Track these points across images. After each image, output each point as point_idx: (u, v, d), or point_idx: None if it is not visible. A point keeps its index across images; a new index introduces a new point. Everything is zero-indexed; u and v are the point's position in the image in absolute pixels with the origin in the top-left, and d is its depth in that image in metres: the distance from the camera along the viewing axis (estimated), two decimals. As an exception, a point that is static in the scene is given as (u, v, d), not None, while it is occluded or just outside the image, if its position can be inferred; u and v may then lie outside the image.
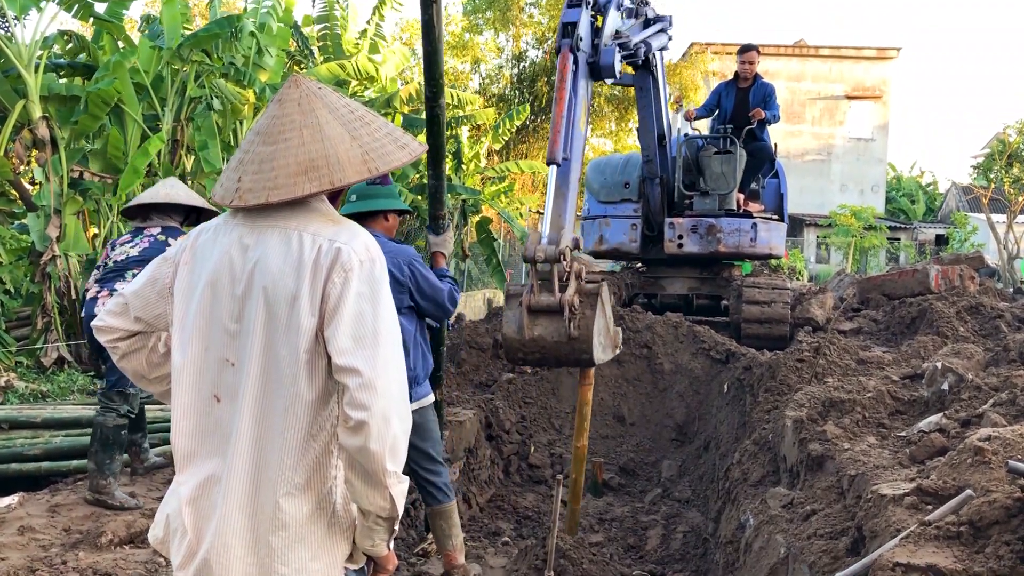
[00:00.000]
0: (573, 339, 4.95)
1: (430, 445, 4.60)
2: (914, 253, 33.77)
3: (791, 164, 32.18)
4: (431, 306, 4.38)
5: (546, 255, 4.83)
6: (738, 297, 9.53)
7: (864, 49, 37.03)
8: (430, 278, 4.35)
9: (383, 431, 1.80)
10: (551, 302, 4.82)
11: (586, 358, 5.04)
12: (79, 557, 4.13)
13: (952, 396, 4.57)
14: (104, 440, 4.93)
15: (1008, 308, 8.46)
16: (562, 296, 4.84)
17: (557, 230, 5.13)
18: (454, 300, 4.47)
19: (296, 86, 2.00)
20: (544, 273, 4.91)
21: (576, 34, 5.55)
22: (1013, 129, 29.81)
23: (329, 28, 15.37)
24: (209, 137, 11.45)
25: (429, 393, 4.63)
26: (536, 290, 4.93)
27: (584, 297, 5.06)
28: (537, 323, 4.97)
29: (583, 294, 5.06)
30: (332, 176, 1.90)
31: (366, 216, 4.39)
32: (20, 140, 9.86)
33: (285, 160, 1.90)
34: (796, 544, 3.63)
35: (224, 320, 1.96)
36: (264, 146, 1.94)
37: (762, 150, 9.74)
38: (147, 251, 5.00)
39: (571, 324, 4.90)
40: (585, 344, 4.99)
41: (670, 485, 6.89)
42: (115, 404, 4.98)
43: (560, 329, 4.91)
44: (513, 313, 5.09)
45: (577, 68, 5.56)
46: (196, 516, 1.96)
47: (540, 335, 4.90)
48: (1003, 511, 2.63)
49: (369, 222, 4.36)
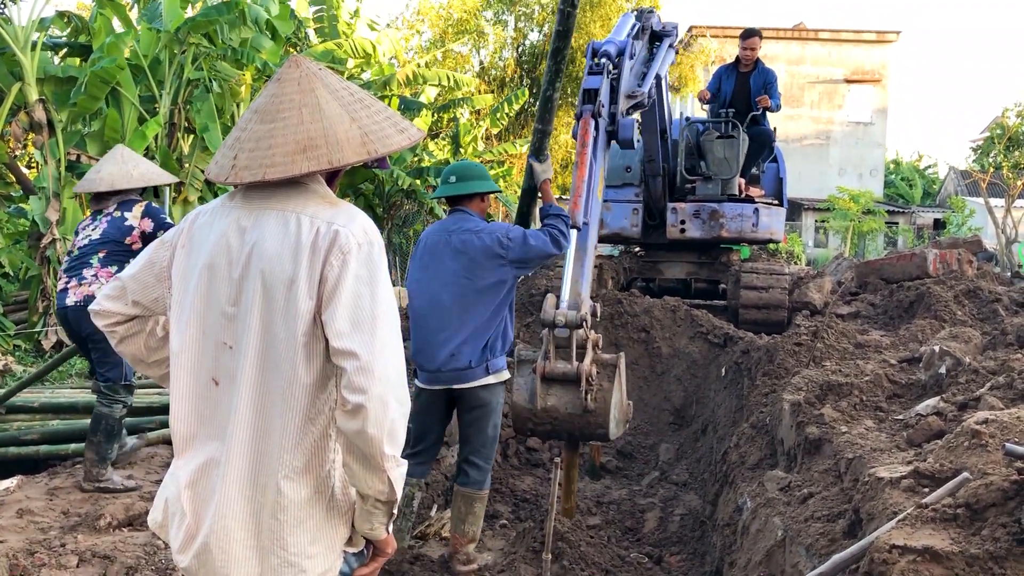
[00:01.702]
0: (588, 412, 4.78)
1: (491, 427, 4.56)
2: (912, 237, 33.77)
3: (790, 148, 32.10)
4: (538, 257, 4.51)
5: (567, 320, 4.69)
6: (736, 282, 9.54)
7: (863, 33, 36.88)
8: (527, 236, 4.46)
9: (381, 415, 1.80)
10: (568, 371, 4.68)
11: (601, 433, 4.87)
12: (78, 540, 4.14)
13: (949, 379, 4.57)
14: (108, 431, 4.95)
15: (1006, 292, 8.47)
16: (580, 365, 4.70)
17: (576, 295, 5.00)
18: (558, 242, 4.52)
19: (296, 66, 1.98)
20: (561, 339, 4.78)
21: (598, 100, 5.56)
22: (1012, 112, 29.75)
23: (325, 10, 15.30)
24: (209, 120, 11.41)
25: (504, 367, 4.58)
26: (552, 357, 4.78)
27: (602, 368, 4.90)
28: (551, 393, 4.79)
29: (601, 364, 4.91)
30: (331, 155, 1.88)
31: (462, 197, 4.59)
32: (17, 122, 9.82)
33: (283, 138, 1.89)
34: (793, 527, 3.65)
35: (222, 303, 1.95)
36: (261, 124, 1.92)
37: (763, 135, 9.71)
38: (107, 231, 5.00)
39: (588, 396, 4.74)
40: (601, 418, 4.81)
41: (668, 468, 6.91)
42: (121, 396, 4.99)
43: (575, 400, 4.74)
44: (525, 380, 4.90)
45: (598, 134, 5.57)
46: (195, 500, 1.96)
47: (553, 405, 4.72)
48: (1000, 493, 2.64)
49: (465, 203, 4.60)
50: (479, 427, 4.51)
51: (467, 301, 4.41)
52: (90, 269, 4.92)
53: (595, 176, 5.41)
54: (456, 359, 4.40)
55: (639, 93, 6.33)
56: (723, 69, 10.10)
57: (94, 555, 3.99)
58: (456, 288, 4.43)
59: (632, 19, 6.94)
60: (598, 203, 5.54)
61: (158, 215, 5.06)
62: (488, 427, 4.53)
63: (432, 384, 4.47)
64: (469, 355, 4.40)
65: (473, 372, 4.41)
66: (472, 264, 4.43)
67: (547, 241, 4.46)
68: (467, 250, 4.45)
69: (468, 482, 4.56)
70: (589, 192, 5.28)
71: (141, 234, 5.00)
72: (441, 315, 4.45)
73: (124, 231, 4.99)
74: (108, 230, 4.99)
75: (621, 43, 6.16)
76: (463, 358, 4.39)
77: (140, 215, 5.01)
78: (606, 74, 5.72)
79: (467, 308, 4.41)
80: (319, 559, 1.94)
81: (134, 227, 4.99)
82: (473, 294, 4.41)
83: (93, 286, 4.88)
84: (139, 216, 5.00)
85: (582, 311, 4.77)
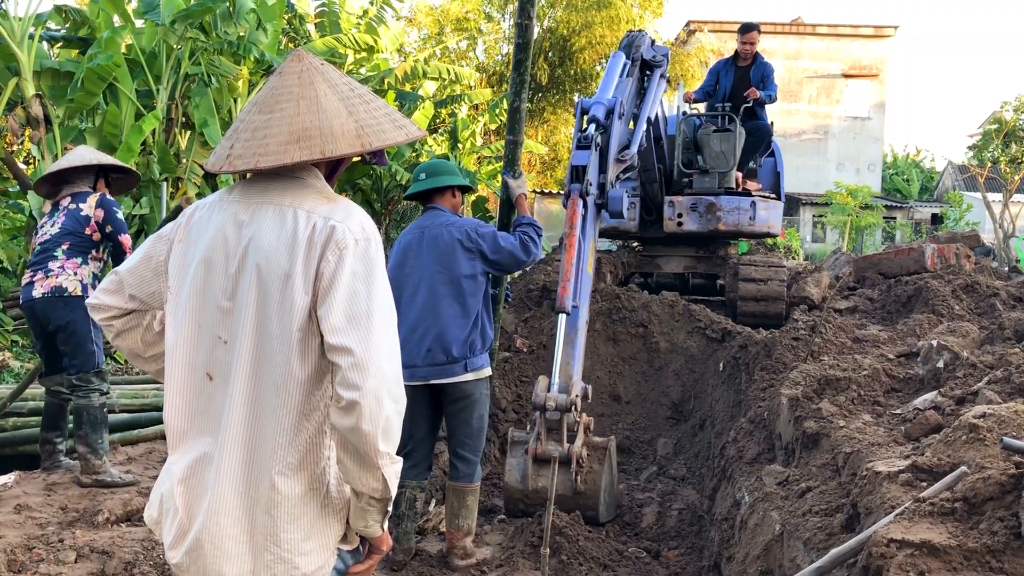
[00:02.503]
0: (579, 493, 4.95)
1: (476, 419, 4.57)
2: (910, 232, 33.76)
3: (787, 143, 32.11)
4: (508, 259, 4.52)
5: (557, 404, 4.82)
6: (734, 276, 9.53)
7: (861, 27, 36.85)
8: (498, 235, 4.51)
9: (375, 412, 1.79)
10: (559, 453, 4.79)
11: (591, 515, 5.02)
12: (76, 535, 4.14)
13: (947, 374, 4.57)
14: (93, 421, 4.94)
15: (1003, 287, 8.46)
16: (570, 447, 4.83)
17: (567, 378, 5.11)
18: (527, 247, 4.54)
19: (299, 60, 1.99)
20: (552, 422, 4.88)
21: (586, 179, 5.56)
22: (1010, 107, 29.71)
23: (327, 6, 15.26)
24: (208, 115, 11.38)
25: (486, 365, 4.61)
26: (543, 439, 4.90)
27: (592, 450, 5.05)
28: (542, 474, 4.92)
29: (592, 447, 5.05)
30: (324, 146, 1.88)
31: (434, 193, 4.64)
32: (13, 117, 9.79)
33: (279, 128, 1.89)
34: (791, 521, 3.65)
35: (217, 297, 1.94)
36: (260, 115, 1.93)
37: (760, 129, 9.70)
38: (66, 224, 5.06)
39: (578, 478, 4.90)
40: (591, 500, 4.98)
41: (666, 463, 6.91)
42: (95, 384, 4.98)
43: (566, 482, 4.89)
44: (517, 461, 5.06)
45: (586, 212, 5.61)
46: (188, 495, 1.95)
47: (545, 486, 4.79)
48: (997, 487, 2.64)
49: (437, 199, 4.65)
50: (463, 419, 4.52)
51: (440, 293, 4.45)
52: (55, 261, 4.96)
53: (584, 256, 5.49)
54: (433, 354, 4.43)
55: (628, 157, 6.38)
56: (721, 64, 10.09)
57: (92, 550, 3.99)
58: (430, 282, 4.47)
59: (622, 59, 6.90)
60: (589, 279, 5.62)
61: (110, 206, 5.12)
62: (472, 419, 4.54)
63: (412, 380, 4.41)
64: (446, 348, 4.42)
65: (452, 368, 4.44)
66: (444, 257, 4.47)
67: (516, 244, 4.52)
68: (438, 244, 4.50)
69: (458, 476, 4.58)
70: (578, 275, 5.33)
71: (97, 224, 5.04)
72: (417, 310, 4.48)
73: (81, 222, 5.05)
74: (66, 223, 5.04)
75: (610, 102, 6.15)
76: (440, 352, 4.42)
77: (94, 205, 5.07)
78: (594, 147, 5.72)
79: (441, 301, 4.45)
80: (313, 556, 1.93)
81: (90, 217, 5.06)
82: (446, 286, 4.45)
83: (60, 277, 4.91)
84: (93, 206, 5.06)
85: (572, 394, 4.90)
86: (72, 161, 5.15)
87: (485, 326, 4.57)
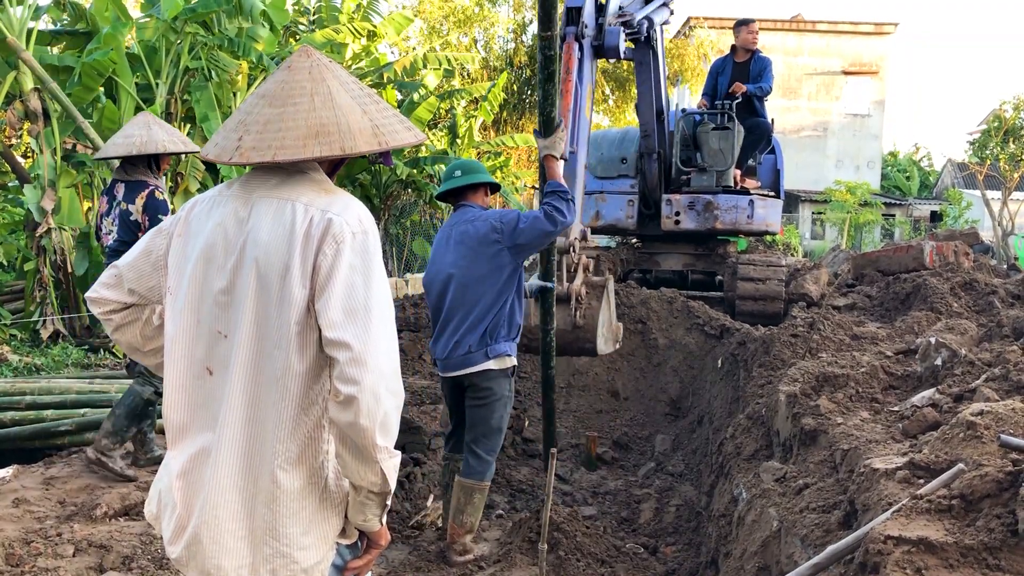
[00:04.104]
0: (578, 328, 5.03)
1: (496, 418, 4.55)
2: (909, 229, 33.76)
3: (787, 140, 32.04)
4: (532, 235, 4.40)
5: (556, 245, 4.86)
6: (733, 273, 9.53)
7: (861, 24, 36.80)
8: (520, 216, 4.44)
9: (373, 406, 1.79)
10: (559, 291, 4.88)
11: (589, 347, 5.12)
12: (74, 529, 4.14)
13: (945, 371, 4.57)
14: (134, 408, 4.95)
15: (1002, 284, 8.45)
16: (570, 286, 4.93)
17: None
18: (552, 217, 4.35)
19: (307, 56, 1.98)
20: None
21: (581, 21, 5.48)
22: (1009, 105, 29.72)
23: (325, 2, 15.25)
24: (209, 109, 11.37)
25: (509, 353, 4.53)
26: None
27: (591, 288, 5.14)
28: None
29: (590, 285, 5.15)
30: (343, 143, 1.88)
31: (467, 191, 4.65)
32: (12, 111, 9.77)
33: (295, 122, 1.88)
34: (789, 518, 3.65)
35: (216, 291, 1.94)
36: (271, 108, 1.91)
37: (759, 126, 9.69)
38: (120, 233, 4.95)
39: (577, 313, 4.97)
40: (589, 333, 5.06)
41: (664, 459, 6.92)
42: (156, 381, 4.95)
43: (566, 317, 4.99)
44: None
45: (583, 54, 5.50)
46: (186, 490, 1.95)
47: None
48: (994, 485, 2.65)
49: (470, 195, 4.66)
50: (482, 416, 4.52)
51: (467, 289, 4.46)
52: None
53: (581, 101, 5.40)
54: (458, 347, 4.47)
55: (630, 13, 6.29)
56: (719, 62, 10.07)
57: (90, 544, 4.00)
58: (457, 278, 4.49)
59: None
60: (587, 123, 5.54)
61: (154, 213, 4.92)
62: (492, 417, 4.53)
63: (444, 372, 4.59)
64: (469, 341, 4.45)
65: (472, 357, 4.45)
66: (470, 252, 4.48)
67: (540, 219, 4.37)
68: (465, 240, 4.51)
69: (470, 472, 4.56)
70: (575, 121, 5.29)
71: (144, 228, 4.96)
72: (446, 305, 4.53)
73: (132, 228, 4.91)
74: (120, 232, 4.93)
75: None
76: (463, 345, 4.45)
77: (141, 209, 4.92)
78: None
79: (468, 296, 4.46)
80: (311, 550, 1.93)
81: (139, 222, 4.90)
82: (473, 282, 4.46)
83: None
84: (140, 210, 4.93)
85: (571, 237, 4.96)
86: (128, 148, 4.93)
87: (515, 313, 4.52)
